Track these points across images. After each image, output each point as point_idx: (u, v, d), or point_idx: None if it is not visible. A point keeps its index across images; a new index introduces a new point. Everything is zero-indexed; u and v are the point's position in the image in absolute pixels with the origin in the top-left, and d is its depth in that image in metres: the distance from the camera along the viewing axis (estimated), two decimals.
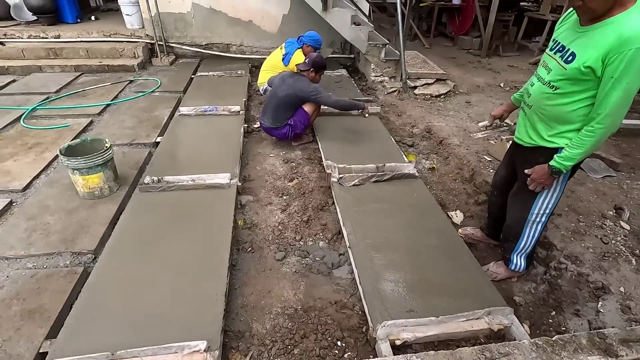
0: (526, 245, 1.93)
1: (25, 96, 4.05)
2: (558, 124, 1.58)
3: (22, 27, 5.51)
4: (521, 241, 1.92)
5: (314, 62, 3.15)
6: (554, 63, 1.54)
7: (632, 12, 1.30)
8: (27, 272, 1.93)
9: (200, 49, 5.71)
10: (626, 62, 1.28)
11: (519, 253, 1.98)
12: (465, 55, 6.58)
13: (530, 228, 1.87)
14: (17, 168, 2.78)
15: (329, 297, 1.95)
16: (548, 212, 1.82)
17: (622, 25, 1.29)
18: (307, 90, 3.08)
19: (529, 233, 1.89)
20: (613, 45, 1.29)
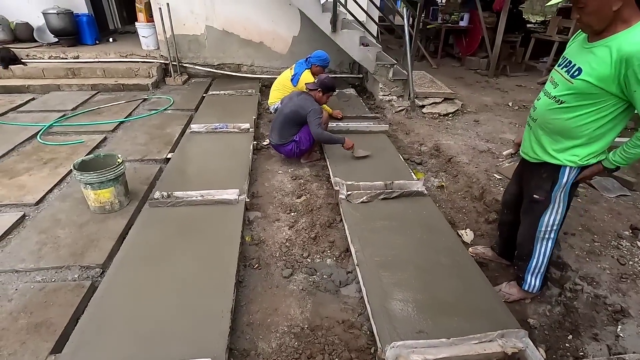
0: (539, 264, 1.89)
1: (43, 113, 4.19)
2: (563, 139, 1.58)
3: (44, 48, 5.75)
4: (533, 259, 1.89)
5: (322, 82, 3.22)
6: (560, 77, 1.55)
7: (635, 29, 1.31)
8: (35, 285, 1.94)
9: (213, 69, 5.87)
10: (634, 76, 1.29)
11: (533, 273, 1.93)
12: (473, 75, 6.64)
13: (540, 244, 1.84)
14: (32, 182, 2.84)
15: (336, 316, 1.91)
16: (556, 229, 1.80)
17: (625, 43, 1.30)
18: (306, 108, 3.12)
19: (540, 250, 1.86)
20: (616, 62, 1.31)
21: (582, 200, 2.65)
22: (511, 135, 4.01)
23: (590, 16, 1.34)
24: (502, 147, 3.72)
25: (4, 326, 1.70)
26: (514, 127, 4.26)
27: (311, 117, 3.08)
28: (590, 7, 1.32)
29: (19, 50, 5.44)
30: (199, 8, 5.43)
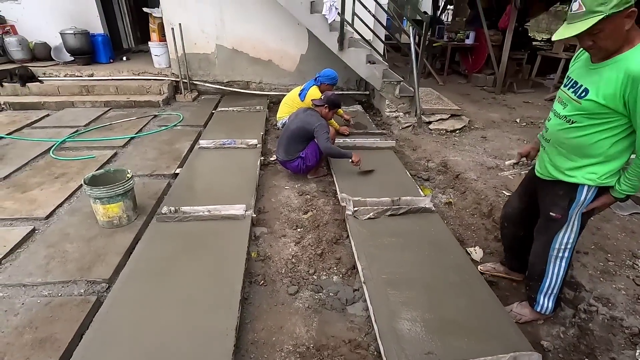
0: (552, 285, 1.84)
1: (56, 129, 4.29)
2: (578, 157, 1.56)
3: (60, 66, 5.95)
4: (546, 279, 1.84)
5: (329, 99, 3.28)
6: (568, 98, 1.55)
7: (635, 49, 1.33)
8: (42, 299, 1.94)
9: (222, 86, 5.99)
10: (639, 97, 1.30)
11: (545, 293, 1.87)
12: (480, 91, 6.66)
13: (553, 264, 1.80)
14: (43, 197, 2.89)
15: (342, 336, 1.86)
16: (570, 247, 1.76)
17: (631, 63, 1.32)
18: (313, 123, 3.15)
19: (553, 270, 1.81)
20: (624, 82, 1.33)
21: (595, 218, 2.59)
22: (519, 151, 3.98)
23: (606, 40, 1.35)
24: None
25: (9, 341, 1.70)
26: (522, 143, 4.23)
27: (319, 132, 3.10)
28: (606, 31, 1.32)
29: (36, 69, 5.63)
30: (210, 28, 5.59)
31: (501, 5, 7.00)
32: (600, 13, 1.27)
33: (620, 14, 1.27)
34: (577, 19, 1.33)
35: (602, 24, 1.28)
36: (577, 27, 1.32)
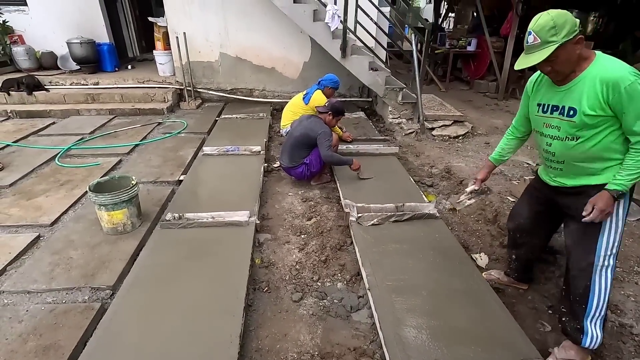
0: (599, 304, 1.59)
1: (62, 137, 4.33)
2: (600, 162, 1.54)
3: (66, 75, 6.03)
4: (592, 298, 1.59)
5: (333, 106, 3.30)
6: (559, 121, 1.57)
7: (599, 61, 1.46)
8: (46, 306, 1.94)
9: (226, 93, 6.04)
10: (625, 98, 1.38)
11: (593, 317, 1.60)
12: (482, 98, 6.67)
13: (600, 276, 1.58)
14: (48, 204, 2.90)
15: (347, 343, 1.85)
16: (615, 252, 1.58)
17: (601, 73, 1.43)
18: (316, 130, 3.16)
19: (600, 283, 1.58)
20: (603, 91, 1.42)
21: None
22: (523, 157, 3.98)
23: (562, 65, 1.47)
24: (514, 169, 3.68)
25: (13, 348, 1.70)
26: (526, 149, 4.22)
27: (321, 140, 3.11)
28: (562, 57, 1.44)
29: (42, 78, 5.71)
30: (214, 36, 5.66)
31: (503, 13, 7.05)
32: (554, 43, 1.41)
33: (571, 41, 1.41)
34: (534, 49, 1.46)
35: (557, 51, 1.42)
36: (536, 57, 1.45)
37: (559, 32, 1.40)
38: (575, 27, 1.42)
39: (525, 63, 1.49)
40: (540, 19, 1.44)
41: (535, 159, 3.94)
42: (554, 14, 1.42)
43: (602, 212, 1.52)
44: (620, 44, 7.32)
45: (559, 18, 1.41)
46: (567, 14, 1.43)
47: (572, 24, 1.41)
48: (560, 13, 1.43)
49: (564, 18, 1.41)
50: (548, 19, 1.42)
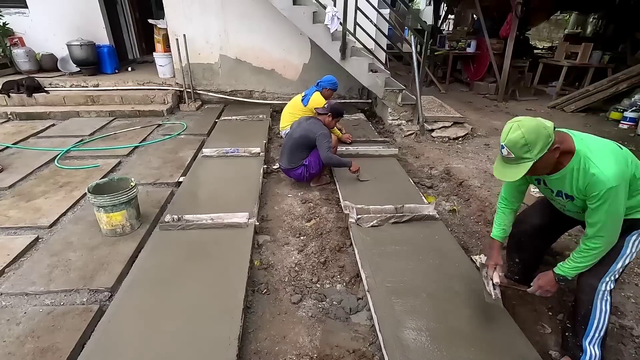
0: (599, 326, 1.58)
1: (61, 139, 4.33)
2: None
3: (66, 77, 6.04)
4: (593, 321, 1.59)
5: (332, 107, 3.30)
6: (563, 201, 1.64)
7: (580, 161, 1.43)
8: (44, 308, 1.94)
9: (225, 95, 6.05)
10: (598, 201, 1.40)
11: (592, 338, 1.60)
12: (482, 99, 6.68)
13: (601, 300, 1.57)
14: (47, 205, 2.90)
15: (346, 345, 1.84)
16: (618, 277, 1.59)
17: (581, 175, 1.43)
18: (315, 131, 3.17)
19: (601, 307, 1.57)
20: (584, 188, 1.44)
21: None
22: None
23: (543, 170, 1.48)
24: None
25: (11, 350, 1.69)
26: None
27: (320, 141, 3.11)
28: (540, 166, 1.43)
29: (42, 80, 5.71)
30: (214, 38, 5.67)
31: (502, 14, 7.06)
32: (529, 160, 1.39)
33: (547, 152, 1.39)
34: (511, 163, 1.44)
35: (534, 164, 1.40)
36: (514, 174, 1.43)
37: (532, 150, 1.37)
38: (549, 139, 1.37)
39: (503, 176, 1.47)
40: (510, 132, 1.39)
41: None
42: (525, 130, 1.35)
43: (542, 289, 1.64)
44: (620, 45, 7.33)
45: (530, 134, 1.35)
46: (538, 128, 1.36)
47: (545, 138, 1.36)
48: (530, 128, 1.35)
49: (535, 134, 1.35)
50: (519, 135, 1.36)
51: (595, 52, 6.36)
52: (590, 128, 5.11)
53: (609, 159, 1.39)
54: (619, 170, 1.36)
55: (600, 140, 1.49)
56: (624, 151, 1.46)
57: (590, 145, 1.44)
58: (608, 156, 1.40)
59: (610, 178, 1.34)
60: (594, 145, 1.44)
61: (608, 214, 1.41)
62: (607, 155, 1.40)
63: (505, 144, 1.40)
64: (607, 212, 1.40)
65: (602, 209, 1.40)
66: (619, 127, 5.13)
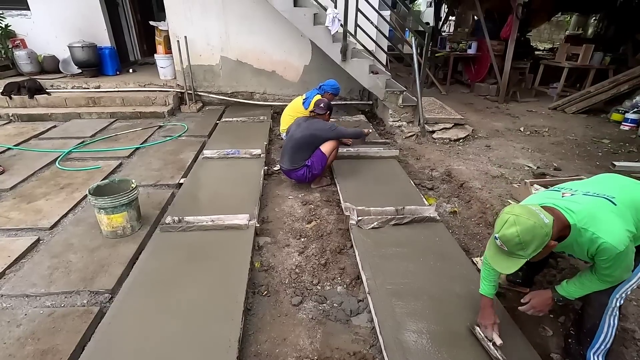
0: (606, 339, 1.58)
1: (63, 140, 4.34)
2: None
3: (68, 79, 6.05)
4: (600, 335, 1.58)
5: (329, 105, 3.42)
6: None
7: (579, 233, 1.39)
8: (45, 310, 1.94)
9: (226, 96, 6.06)
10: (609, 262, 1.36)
11: (597, 350, 1.60)
12: (483, 101, 6.67)
13: (610, 316, 1.56)
14: (48, 207, 2.90)
15: (347, 348, 1.83)
16: (627, 296, 1.56)
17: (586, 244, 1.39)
18: (325, 127, 3.25)
19: (610, 322, 1.56)
20: (593, 254, 1.39)
21: None
22: (524, 160, 3.96)
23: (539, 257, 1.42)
24: (514, 172, 3.66)
25: (11, 352, 1.69)
26: (527, 152, 4.21)
27: (337, 130, 3.32)
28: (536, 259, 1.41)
29: (44, 81, 5.73)
30: (215, 40, 5.68)
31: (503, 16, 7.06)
32: (522, 257, 1.34)
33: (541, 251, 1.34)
34: (504, 254, 1.38)
35: None
36: (508, 267, 1.37)
37: (526, 248, 1.31)
38: (546, 238, 1.30)
39: (499, 267, 1.41)
40: (505, 227, 1.31)
41: (536, 161, 3.93)
42: (520, 228, 1.27)
43: (534, 309, 1.63)
44: (621, 46, 7.32)
45: (525, 234, 1.27)
46: (535, 228, 1.27)
47: (542, 238, 1.29)
48: (526, 228, 1.27)
49: (531, 235, 1.27)
50: (513, 234, 1.29)
51: (596, 53, 6.35)
52: (591, 129, 5.10)
53: (608, 223, 1.35)
54: (623, 232, 1.33)
55: (588, 203, 1.43)
56: (618, 207, 1.40)
57: (583, 216, 1.39)
58: (606, 220, 1.36)
59: (617, 244, 1.31)
60: (584, 213, 1.39)
61: (618, 266, 1.38)
62: (606, 220, 1.36)
63: (499, 237, 1.34)
64: (617, 266, 1.38)
65: (613, 266, 1.38)
66: (620, 129, 5.12)
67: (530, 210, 1.33)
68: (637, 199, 1.45)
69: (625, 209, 1.40)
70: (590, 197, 1.46)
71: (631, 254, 1.39)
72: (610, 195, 1.44)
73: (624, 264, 1.38)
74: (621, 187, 1.52)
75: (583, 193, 1.50)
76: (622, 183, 1.57)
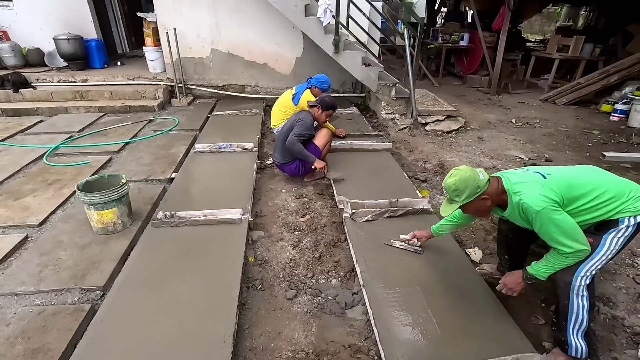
0: (578, 320, 1.61)
1: (50, 135, 4.24)
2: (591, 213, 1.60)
3: (54, 72, 5.91)
4: (571, 316, 1.62)
5: (322, 99, 3.31)
6: None
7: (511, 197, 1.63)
8: (34, 308, 1.90)
9: (217, 90, 5.97)
10: (537, 223, 1.56)
11: (573, 331, 1.63)
12: (475, 92, 6.69)
13: (577, 295, 1.59)
14: (36, 204, 2.84)
15: (342, 340, 1.84)
16: (594, 274, 1.59)
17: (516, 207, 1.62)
18: (297, 118, 3.16)
19: (578, 302, 1.60)
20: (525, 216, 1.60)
21: None
22: (516, 152, 3.99)
23: (476, 213, 1.82)
24: (507, 163, 3.69)
25: (1, 352, 1.66)
26: (519, 144, 4.24)
27: (298, 128, 3.10)
28: (471, 209, 1.74)
29: (29, 75, 5.58)
30: (205, 32, 5.58)
31: (495, 7, 7.06)
32: (456, 203, 1.68)
33: (474, 200, 1.65)
34: (446, 201, 1.74)
35: (464, 206, 1.69)
36: (447, 209, 1.74)
37: (460, 195, 1.65)
38: (477, 189, 1.63)
39: (442, 210, 1.77)
40: (448, 177, 1.69)
41: (528, 153, 3.96)
42: (458, 179, 1.64)
43: (506, 287, 1.77)
44: (611, 38, 7.38)
45: (460, 183, 1.64)
46: (468, 180, 1.63)
47: (473, 189, 1.62)
48: (462, 178, 1.63)
49: (464, 184, 1.63)
50: (452, 181, 1.66)
51: (586, 44, 6.39)
52: (582, 121, 5.16)
53: (530, 187, 1.58)
54: (538, 196, 1.53)
55: (524, 175, 1.67)
56: (546, 180, 1.60)
57: (515, 182, 1.64)
58: (530, 186, 1.59)
59: (533, 204, 1.52)
60: (517, 180, 1.64)
61: (549, 230, 1.53)
62: (529, 185, 1.59)
63: (444, 185, 1.72)
64: (548, 229, 1.53)
65: (544, 229, 1.54)
66: (610, 120, 5.18)
67: (471, 168, 1.68)
68: (574, 178, 1.62)
69: (552, 182, 1.59)
70: (527, 172, 1.70)
71: (562, 221, 1.51)
72: (547, 173, 1.65)
73: (554, 228, 1.51)
74: (571, 171, 1.70)
75: (532, 171, 1.71)
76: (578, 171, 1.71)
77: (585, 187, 1.58)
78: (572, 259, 1.55)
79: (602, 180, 1.62)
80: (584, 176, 1.64)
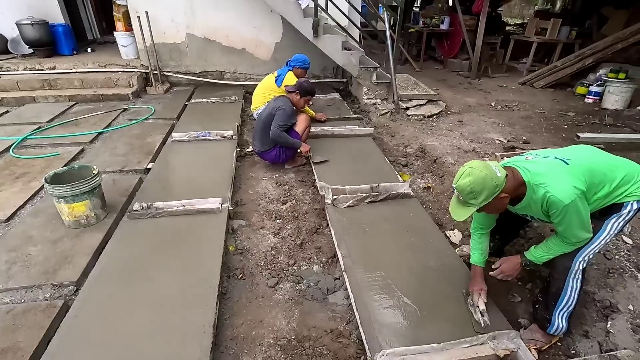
0: (569, 301, 1.64)
1: (17, 126, 4.03)
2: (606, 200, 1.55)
3: (18, 60, 5.59)
4: (564, 297, 1.63)
5: (300, 85, 3.21)
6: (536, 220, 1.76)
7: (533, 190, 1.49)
8: (3, 307, 1.82)
9: (195, 77, 5.79)
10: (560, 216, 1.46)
11: (561, 311, 1.66)
12: (456, 77, 6.72)
13: (573, 279, 1.61)
14: (3, 198, 2.71)
15: (324, 326, 1.84)
16: (592, 258, 1.61)
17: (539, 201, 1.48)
18: (276, 106, 3.09)
19: (573, 285, 1.62)
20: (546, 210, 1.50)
21: None
22: (495, 135, 4.04)
23: (492, 211, 1.61)
24: (486, 146, 3.73)
25: None
26: (498, 127, 4.29)
27: (277, 116, 3.04)
28: (489, 209, 1.53)
29: None
30: (180, 17, 5.36)
31: None
32: (473, 206, 1.47)
33: (492, 200, 1.45)
34: (459, 203, 1.52)
35: (481, 208, 1.48)
36: (461, 214, 1.51)
37: (477, 197, 1.43)
38: (495, 189, 1.42)
39: (454, 213, 1.54)
40: (461, 178, 1.45)
41: (507, 135, 4.02)
42: (473, 179, 1.41)
43: (504, 274, 1.75)
44: (587, 21, 7.50)
45: (476, 184, 1.41)
46: (486, 180, 1.40)
47: (491, 189, 1.41)
48: (478, 178, 1.41)
49: (481, 185, 1.41)
50: (466, 183, 1.43)
51: (563, 27, 6.48)
52: (558, 103, 5.26)
53: (557, 178, 1.45)
54: (569, 187, 1.41)
55: (543, 163, 1.53)
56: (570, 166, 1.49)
57: (536, 172, 1.49)
58: (555, 175, 1.46)
59: (563, 197, 1.40)
60: (538, 170, 1.50)
61: (571, 222, 1.47)
62: (554, 175, 1.46)
63: (456, 187, 1.48)
64: (570, 222, 1.46)
65: (565, 221, 1.47)
66: (585, 102, 5.30)
67: (485, 164, 1.46)
68: (593, 163, 1.53)
69: (577, 168, 1.48)
70: (546, 159, 1.56)
71: (584, 212, 1.45)
72: (566, 158, 1.52)
73: (575, 220, 1.45)
74: (581, 153, 1.60)
75: (544, 157, 1.58)
76: (586, 153, 1.63)
77: (602, 171, 1.51)
78: (576, 246, 1.55)
79: (613, 163, 1.56)
80: (595, 157, 1.58)
